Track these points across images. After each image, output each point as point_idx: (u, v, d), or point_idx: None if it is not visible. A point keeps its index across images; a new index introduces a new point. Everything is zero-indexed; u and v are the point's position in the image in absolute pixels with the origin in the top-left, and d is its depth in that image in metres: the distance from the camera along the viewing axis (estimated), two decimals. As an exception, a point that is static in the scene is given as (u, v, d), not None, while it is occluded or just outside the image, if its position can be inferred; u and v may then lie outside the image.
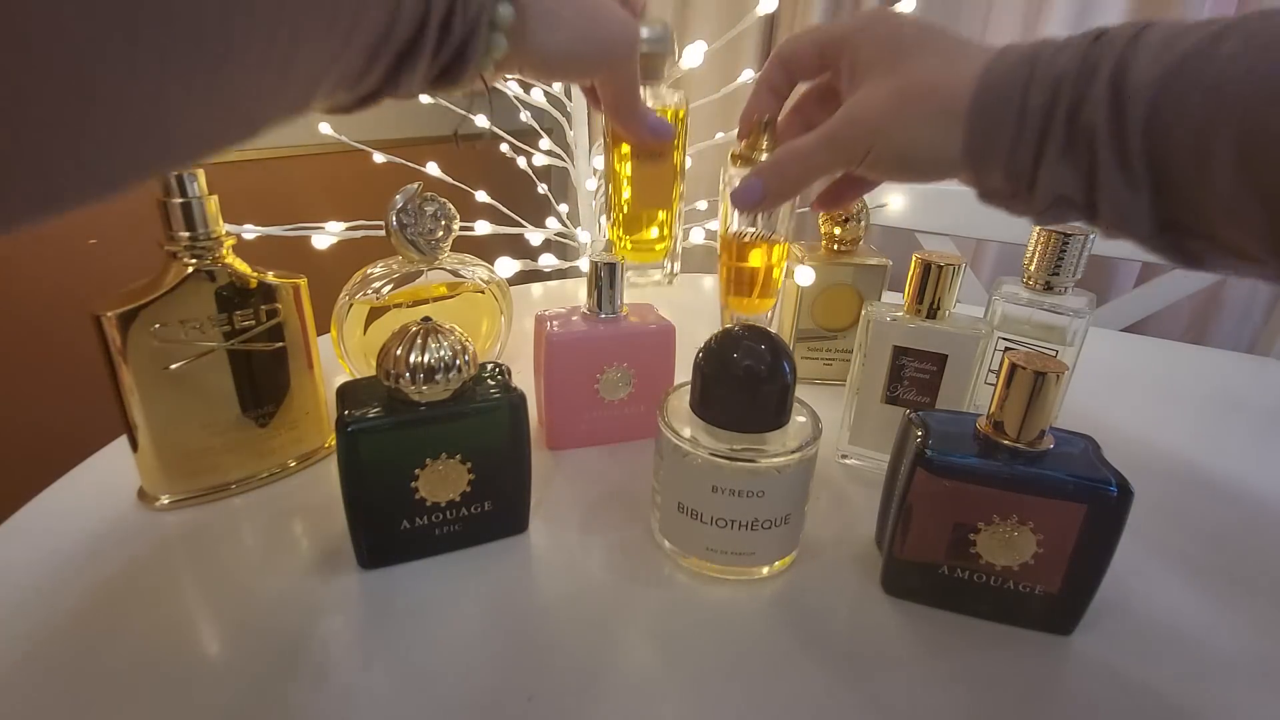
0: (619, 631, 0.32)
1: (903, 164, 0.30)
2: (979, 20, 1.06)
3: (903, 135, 0.29)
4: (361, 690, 0.28)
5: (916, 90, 0.29)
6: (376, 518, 0.34)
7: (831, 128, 0.31)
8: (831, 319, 0.55)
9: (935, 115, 0.28)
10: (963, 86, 0.28)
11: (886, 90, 0.30)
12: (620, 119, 0.36)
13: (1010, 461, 0.30)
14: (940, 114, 0.28)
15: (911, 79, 0.29)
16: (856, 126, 0.30)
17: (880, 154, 0.30)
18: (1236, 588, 0.37)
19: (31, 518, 0.38)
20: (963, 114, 0.28)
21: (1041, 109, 0.26)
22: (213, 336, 0.37)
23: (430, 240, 0.47)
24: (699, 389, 0.34)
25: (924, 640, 0.32)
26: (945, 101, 0.28)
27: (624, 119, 0.36)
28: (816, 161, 0.32)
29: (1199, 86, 0.22)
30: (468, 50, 0.25)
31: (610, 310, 0.44)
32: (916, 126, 0.29)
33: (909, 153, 0.30)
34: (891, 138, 0.29)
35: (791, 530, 0.35)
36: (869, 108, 0.30)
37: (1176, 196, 0.24)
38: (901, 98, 0.29)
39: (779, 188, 0.33)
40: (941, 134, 0.28)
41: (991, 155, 0.28)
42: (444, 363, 0.32)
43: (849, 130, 0.31)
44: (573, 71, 0.32)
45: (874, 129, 0.30)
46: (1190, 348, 0.72)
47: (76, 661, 0.29)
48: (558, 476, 0.43)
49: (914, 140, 0.29)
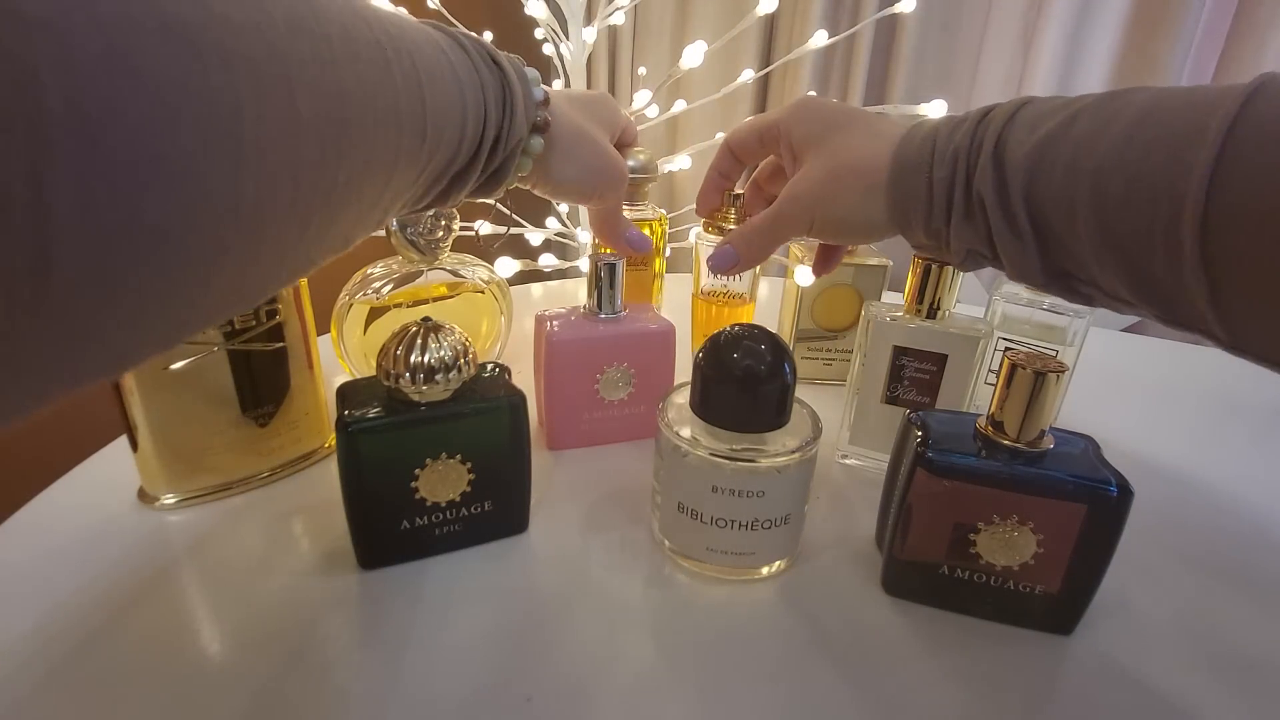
0: (619, 631, 0.32)
1: (841, 230, 0.35)
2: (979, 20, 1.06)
3: (837, 207, 0.34)
4: (361, 690, 0.28)
5: (843, 169, 0.33)
6: (376, 518, 0.34)
7: (779, 205, 0.36)
8: (831, 319, 0.55)
9: (861, 190, 0.33)
10: (880, 162, 0.32)
11: (819, 170, 0.34)
12: (605, 234, 0.43)
13: (1010, 461, 0.30)
14: (865, 189, 0.32)
15: (839, 159, 0.34)
16: (797, 203, 0.35)
17: (822, 224, 0.34)
18: (1236, 588, 0.37)
19: (31, 518, 0.38)
20: (883, 187, 0.32)
21: (944, 181, 0.30)
22: (213, 337, 0.36)
23: (430, 240, 0.47)
24: (699, 389, 0.34)
25: (924, 640, 0.32)
26: (868, 177, 0.32)
27: (608, 234, 0.43)
28: (772, 235, 0.37)
29: (1059, 163, 0.26)
30: (504, 171, 0.31)
31: (610, 310, 0.44)
32: (847, 200, 0.33)
33: (845, 222, 0.34)
34: (828, 210, 0.34)
35: (791, 530, 0.35)
36: (806, 186, 0.34)
37: (1058, 250, 0.27)
38: (832, 176, 0.34)
39: (749, 255, 0.38)
40: (869, 205, 0.33)
41: (912, 220, 0.32)
42: (444, 363, 0.32)
43: (792, 207, 0.35)
44: (574, 195, 0.38)
45: (812, 204, 0.34)
46: (1190, 348, 0.72)
47: (76, 661, 0.29)
48: (558, 476, 0.43)
49: (847, 211, 0.33)
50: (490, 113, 0.28)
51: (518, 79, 0.30)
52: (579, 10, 0.75)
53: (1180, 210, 0.22)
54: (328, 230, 0.19)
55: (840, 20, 1.12)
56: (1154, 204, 0.23)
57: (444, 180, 0.27)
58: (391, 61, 0.20)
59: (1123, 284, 0.25)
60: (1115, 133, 0.24)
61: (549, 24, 0.73)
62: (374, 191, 0.21)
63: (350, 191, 0.19)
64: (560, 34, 0.76)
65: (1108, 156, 0.24)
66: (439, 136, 0.24)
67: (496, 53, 0.29)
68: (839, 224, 0.34)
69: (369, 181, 0.20)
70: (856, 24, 0.93)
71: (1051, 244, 0.27)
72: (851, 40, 1.09)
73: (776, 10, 0.76)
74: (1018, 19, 1.02)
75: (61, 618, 0.31)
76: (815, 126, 0.35)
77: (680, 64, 0.67)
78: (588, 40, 0.76)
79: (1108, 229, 0.25)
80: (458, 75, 0.25)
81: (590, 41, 0.77)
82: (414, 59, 0.22)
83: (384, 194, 0.22)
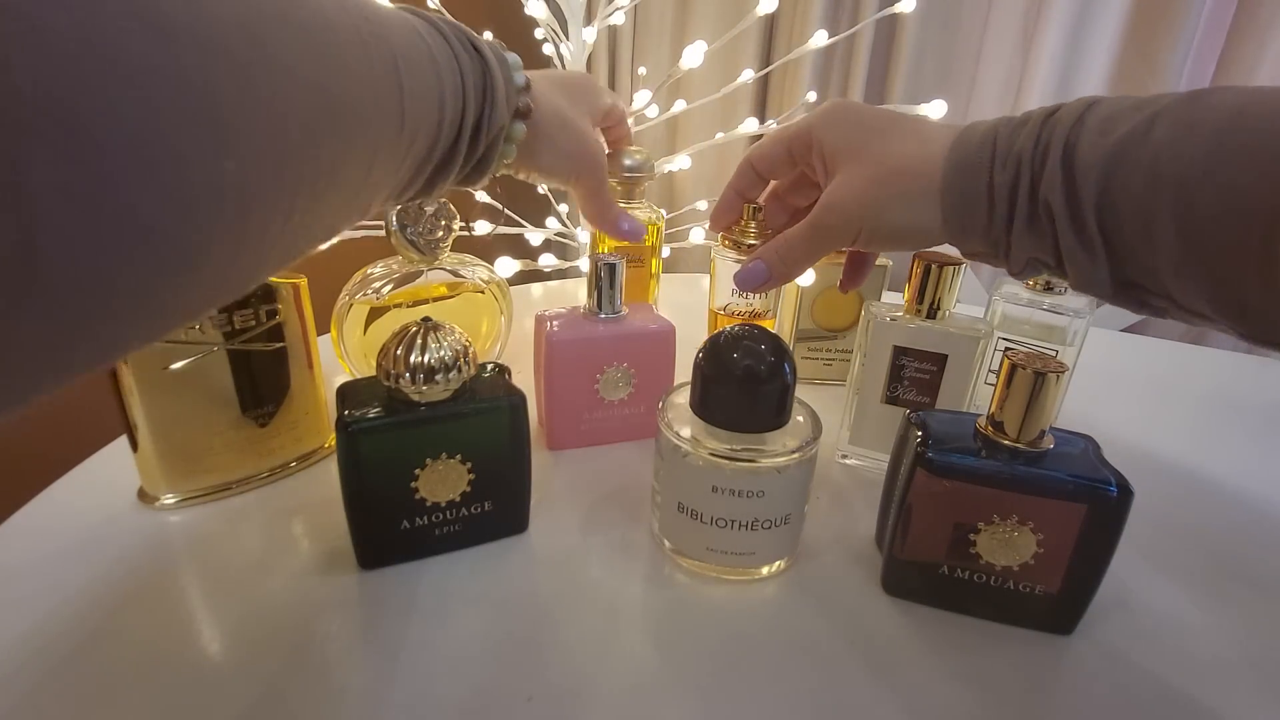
0: (619, 631, 0.32)
1: (891, 239, 0.33)
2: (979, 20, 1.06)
3: (888, 215, 0.32)
4: (361, 690, 0.28)
5: (890, 174, 0.31)
6: (376, 518, 0.34)
7: (819, 216, 0.34)
8: (831, 319, 0.55)
9: (912, 196, 0.31)
10: (932, 166, 0.30)
11: (861, 177, 0.32)
12: (592, 213, 0.42)
13: (1010, 461, 0.30)
14: (916, 194, 0.31)
15: (885, 164, 0.32)
16: (840, 213, 0.33)
17: (870, 233, 0.33)
18: (1236, 587, 0.37)
19: (31, 517, 0.38)
20: (937, 193, 0.30)
21: (1006, 185, 0.28)
22: (213, 337, 0.36)
23: (430, 240, 0.47)
24: (699, 389, 0.34)
25: (924, 640, 0.32)
26: (919, 182, 0.31)
27: (596, 214, 0.42)
28: (813, 248, 0.35)
29: (1137, 170, 0.24)
30: (488, 159, 0.31)
31: (610, 310, 0.44)
32: (897, 207, 0.31)
33: (895, 229, 0.32)
34: (877, 218, 0.32)
35: (791, 530, 0.35)
36: (848, 193, 0.32)
37: (1131, 262, 0.26)
38: (877, 181, 0.32)
39: (782, 272, 0.36)
40: (921, 211, 0.31)
41: (969, 227, 0.30)
42: (444, 363, 0.32)
43: (834, 217, 0.33)
44: (553, 178, 0.39)
45: (858, 213, 0.32)
46: (1190, 348, 0.72)
47: (76, 661, 0.29)
48: (558, 476, 0.43)
49: (897, 218, 0.32)
50: (470, 98, 0.27)
51: (498, 64, 0.29)
52: (579, 10, 0.75)
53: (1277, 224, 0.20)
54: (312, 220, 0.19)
55: (840, 20, 1.12)
56: (1247, 217, 0.21)
57: (427, 168, 0.27)
58: (369, 45, 0.20)
59: (1204, 299, 0.24)
60: (1201, 138, 0.22)
61: (549, 24, 0.73)
62: (357, 178, 0.21)
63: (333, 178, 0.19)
64: (560, 34, 0.76)
65: (1193, 164, 0.23)
66: (417, 122, 0.24)
67: (476, 38, 0.28)
68: (889, 232, 0.32)
69: (351, 168, 0.20)
70: (856, 24, 0.93)
71: (1123, 255, 0.26)
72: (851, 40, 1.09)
73: (776, 10, 0.76)
74: (1018, 19, 1.02)
75: (61, 618, 0.31)
76: (852, 131, 0.33)
77: (680, 64, 0.67)
78: (588, 40, 0.76)
79: (1192, 242, 0.23)
80: (435, 60, 0.25)
81: (590, 41, 0.77)
82: (390, 44, 0.22)
83: (366, 181, 0.22)
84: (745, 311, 0.55)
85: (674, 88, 1.15)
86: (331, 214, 0.21)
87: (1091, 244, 0.26)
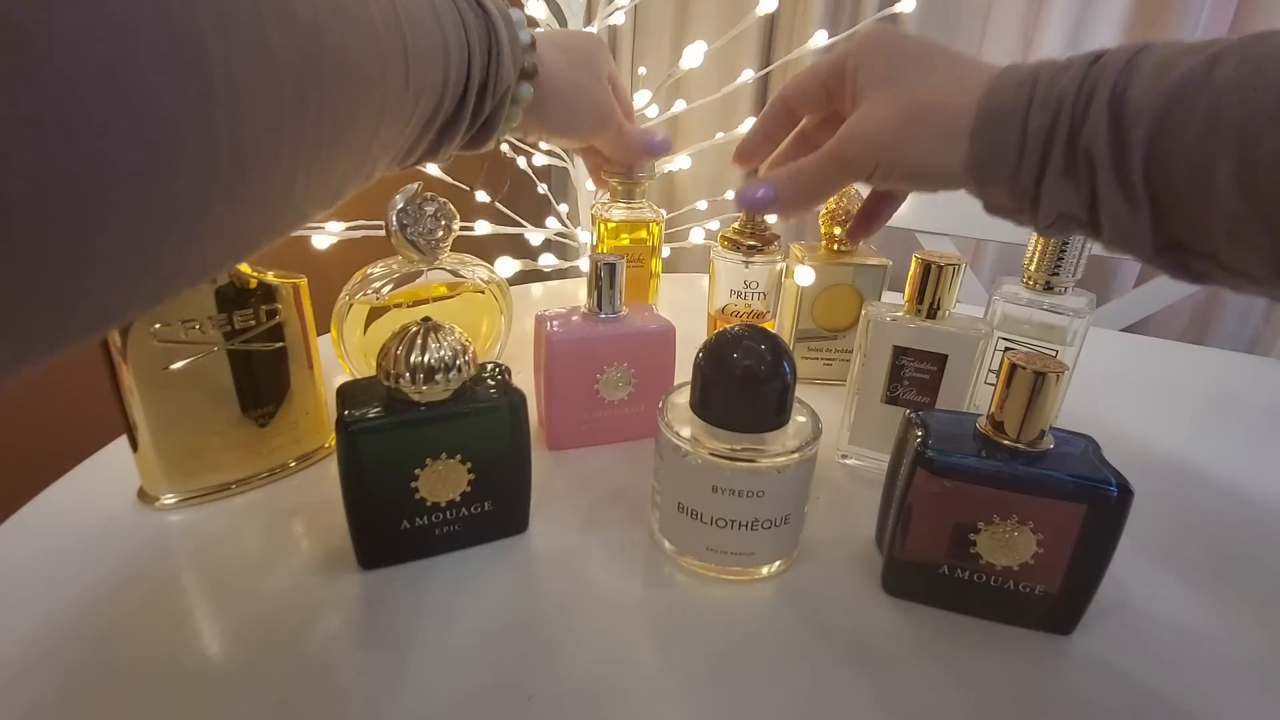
0: (619, 631, 0.32)
1: (909, 177, 0.31)
2: (979, 20, 1.06)
3: (910, 151, 0.30)
4: (361, 690, 0.28)
5: (920, 108, 0.29)
6: (376, 518, 0.34)
7: (837, 145, 0.31)
8: (831, 319, 0.55)
9: (940, 133, 0.29)
10: (966, 106, 0.28)
11: (889, 108, 0.30)
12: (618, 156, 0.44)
13: (1010, 461, 0.30)
14: (944, 132, 0.29)
15: (915, 97, 0.30)
16: (861, 144, 0.31)
17: (888, 168, 0.30)
18: (1236, 588, 0.37)
19: (32, 517, 0.38)
20: (966, 133, 0.28)
21: (1042, 131, 0.26)
22: (213, 337, 0.37)
23: (430, 240, 0.47)
24: (699, 389, 0.34)
25: (924, 640, 0.32)
26: (950, 120, 0.28)
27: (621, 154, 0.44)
28: (826, 178, 0.32)
29: (1197, 113, 0.22)
30: (494, 121, 0.30)
31: (610, 310, 0.44)
32: (921, 143, 0.29)
33: (916, 167, 0.30)
34: (898, 153, 0.30)
35: (791, 530, 0.35)
36: (871, 125, 0.30)
37: (1178, 218, 0.24)
38: (903, 115, 0.30)
39: (790, 199, 0.33)
40: (947, 151, 0.29)
41: (995, 174, 0.28)
42: (444, 363, 0.32)
43: (854, 147, 0.31)
44: (570, 137, 0.39)
45: (880, 144, 0.30)
46: (1190, 348, 0.72)
47: (77, 661, 0.29)
48: (558, 476, 0.43)
49: (920, 155, 0.29)
50: (475, 54, 0.26)
51: (503, 22, 0.28)
52: (579, 10, 0.75)
53: None
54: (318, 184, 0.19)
55: (840, 20, 1.12)
56: None
57: (433, 128, 0.26)
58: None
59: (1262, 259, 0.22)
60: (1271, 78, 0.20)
61: (549, 24, 0.73)
62: (363, 140, 0.20)
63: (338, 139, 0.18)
64: (560, 34, 0.76)
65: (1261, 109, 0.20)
66: (422, 77, 0.23)
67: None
68: (908, 170, 0.30)
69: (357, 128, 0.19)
70: (856, 24, 0.93)
71: (1170, 210, 0.24)
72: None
73: (776, 10, 0.76)
74: (1018, 19, 1.02)
75: (61, 618, 0.31)
76: (887, 60, 0.31)
77: (680, 64, 0.67)
78: (588, 40, 0.76)
79: (1256, 195, 0.21)
80: (438, 14, 0.24)
81: (590, 41, 0.77)
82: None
83: (373, 143, 0.21)
84: (746, 311, 0.56)
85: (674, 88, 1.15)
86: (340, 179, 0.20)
87: (1135, 197, 0.24)
